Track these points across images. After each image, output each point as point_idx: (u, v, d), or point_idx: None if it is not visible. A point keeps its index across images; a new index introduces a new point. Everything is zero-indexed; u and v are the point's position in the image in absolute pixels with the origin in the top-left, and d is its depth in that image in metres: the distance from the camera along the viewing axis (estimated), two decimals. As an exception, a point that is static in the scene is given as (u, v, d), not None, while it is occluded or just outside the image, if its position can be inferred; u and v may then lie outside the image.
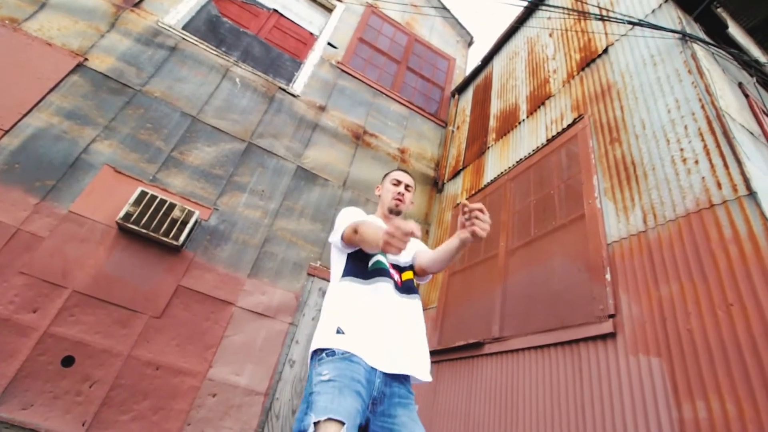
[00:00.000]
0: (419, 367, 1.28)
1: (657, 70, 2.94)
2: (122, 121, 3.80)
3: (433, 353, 3.72)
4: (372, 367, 1.19)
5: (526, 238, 3.29)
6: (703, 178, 2.22)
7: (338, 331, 1.23)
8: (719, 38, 3.49)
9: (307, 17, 6.11)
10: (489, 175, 4.39)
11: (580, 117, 3.37)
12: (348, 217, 1.44)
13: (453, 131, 6.07)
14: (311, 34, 5.93)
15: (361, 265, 1.41)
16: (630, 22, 3.37)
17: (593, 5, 4.18)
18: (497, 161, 4.37)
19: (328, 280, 4.13)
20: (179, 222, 3.49)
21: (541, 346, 2.58)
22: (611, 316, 2.25)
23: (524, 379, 2.63)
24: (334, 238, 1.45)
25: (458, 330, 3.56)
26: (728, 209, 2.02)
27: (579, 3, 4.46)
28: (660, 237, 2.27)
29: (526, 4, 5.30)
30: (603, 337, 2.24)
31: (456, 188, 5.02)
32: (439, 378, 3.54)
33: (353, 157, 5.05)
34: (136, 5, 4.47)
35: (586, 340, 2.32)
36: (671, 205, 2.31)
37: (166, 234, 3.41)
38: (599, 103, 3.28)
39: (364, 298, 1.32)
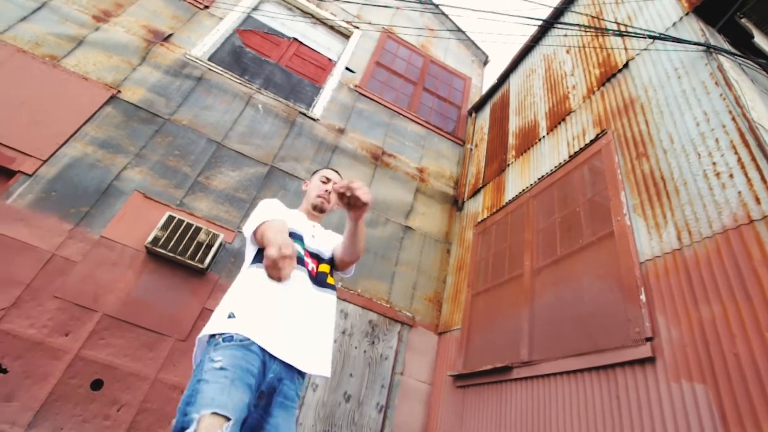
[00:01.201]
0: (314, 361, 1.21)
1: (682, 83, 2.88)
2: (152, 148, 3.96)
3: (458, 377, 3.62)
4: (269, 358, 1.12)
5: (552, 256, 3.21)
6: (739, 192, 2.13)
7: (230, 316, 1.15)
8: (746, 49, 3.41)
9: (326, 44, 6.31)
10: (510, 192, 4.33)
11: (603, 132, 3.31)
12: (262, 213, 1.37)
13: (471, 149, 6.06)
14: (330, 59, 6.11)
15: None
16: (651, 36, 3.34)
17: (611, 21, 4.17)
18: (518, 178, 4.32)
19: (348, 301, 4.14)
20: (204, 245, 3.56)
21: (575, 371, 2.47)
22: (649, 339, 2.14)
23: (557, 406, 2.51)
24: (247, 232, 1.40)
25: (484, 353, 3.45)
26: (770, 225, 1.92)
27: (596, 20, 4.46)
28: (697, 255, 2.17)
29: (540, 23, 5.34)
30: (641, 362, 2.13)
31: (477, 206, 4.98)
32: (465, 404, 3.42)
33: (372, 177, 5.09)
34: (166, 39, 4.71)
35: (622, 365, 2.21)
36: (707, 221, 2.22)
37: (192, 257, 3.48)
38: (623, 117, 3.23)
39: (267, 283, 1.24)
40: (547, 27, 5.30)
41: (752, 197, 2.06)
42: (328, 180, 1.64)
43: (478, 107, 6.54)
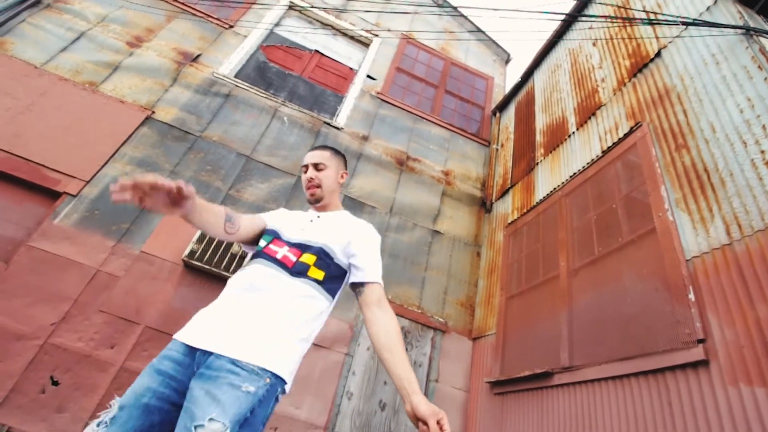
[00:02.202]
0: (230, 342, 1.08)
1: (721, 69, 2.74)
2: (185, 165, 4.11)
3: (496, 384, 3.53)
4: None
5: (589, 256, 3.09)
6: (794, 181, 1.99)
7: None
8: (790, 28, 3.20)
9: (346, 54, 6.39)
10: (541, 191, 4.22)
11: (637, 125, 3.18)
12: None
13: (497, 150, 5.96)
14: (351, 69, 6.18)
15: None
16: (684, 23, 3.19)
17: (638, 10, 4.02)
18: (548, 177, 4.21)
19: (381, 308, 4.11)
20: (238, 256, 3.65)
21: (620, 376, 2.36)
22: (701, 341, 2.02)
23: (603, 413, 2.40)
24: None
25: (522, 359, 3.36)
26: (833, 215, 1.78)
27: (622, 10, 4.31)
28: (749, 249, 2.04)
29: (563, 17, 5.21)
30: (693, 366, 2.01)
31: (506, 207, 4.88)
32: (504, 412, 3.33)
33: (398, 182, 5.09)
34: (194, 60, 4.90)
35: (673, 368, 2.09)
36: (758, 213, 2.08)
37: (227, 268, 3.56)
38: (658, 108, 3.09)
39: (231, 282, 1.26)
40: (570, 20, 5.17)
41: (810, 186, 1.92)
42: (307, 167, 1.47)
43: (502, 106, 6.44)
